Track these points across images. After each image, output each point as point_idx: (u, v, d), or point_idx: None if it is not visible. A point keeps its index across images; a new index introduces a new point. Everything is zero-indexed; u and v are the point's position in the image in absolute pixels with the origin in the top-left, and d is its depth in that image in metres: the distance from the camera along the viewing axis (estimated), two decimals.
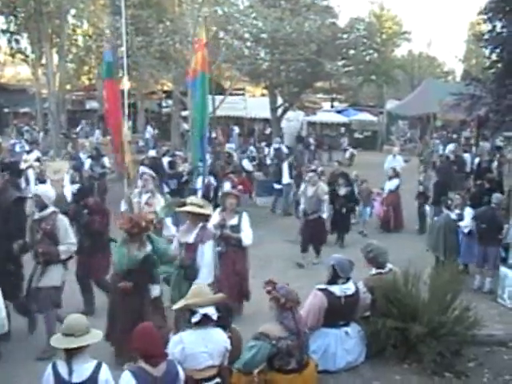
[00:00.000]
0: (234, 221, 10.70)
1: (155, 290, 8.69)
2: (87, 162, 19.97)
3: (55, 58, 34.30)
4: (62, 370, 5.59)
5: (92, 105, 43.54)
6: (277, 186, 20.91)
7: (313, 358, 7.05)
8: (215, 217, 10.56)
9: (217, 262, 9.32)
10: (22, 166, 17.47)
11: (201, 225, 9.08)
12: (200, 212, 9.03)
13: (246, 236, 10.68)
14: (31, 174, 16.70)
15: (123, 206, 12.21)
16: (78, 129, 39.27)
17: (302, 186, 15.55)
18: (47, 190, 9.45)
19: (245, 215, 10.83)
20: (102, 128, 37.10)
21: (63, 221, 9.11)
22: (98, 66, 35.75)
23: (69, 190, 15.53)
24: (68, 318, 5.83)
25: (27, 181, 16.46)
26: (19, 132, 38.22)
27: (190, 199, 9.53)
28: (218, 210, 10.93)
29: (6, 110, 45.05)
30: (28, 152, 22.63)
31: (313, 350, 7.30)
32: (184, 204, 9.33)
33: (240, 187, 18.27)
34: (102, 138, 32.55)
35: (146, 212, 11.44)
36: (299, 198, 15.92)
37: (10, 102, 45.32)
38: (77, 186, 15.03)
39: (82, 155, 21.46)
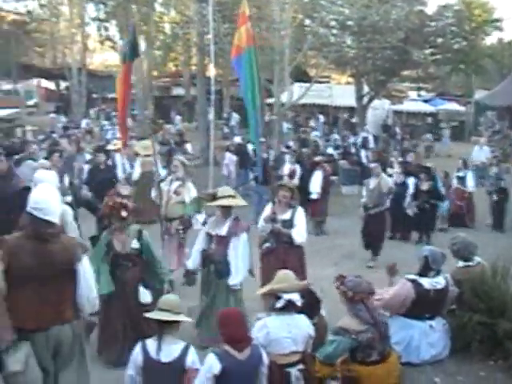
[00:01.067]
0: (286, 215, 9.67)
1: (145, 296, 7.98)
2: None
3: (142, 45, 34.89)
4: (152, 348, 5.75)
5: (178, 91, 44.08)
6: None
7: (395, 349, 6.97)
8: (267, 210, 9.91)
9: (251, 257, 8.81)
10: (110, 147, 17.92)
11: (233, 216, 8.71)
12: (233, 204, 8.66)
13: (298, 232, 9.60)
14: (119, 157, 17.02)
15: (153, 193, 11.87)
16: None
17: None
18: (46, 177, 8.44)
19: (300, 210, 9.80)
20: (185, 114, 37.62)
21: (66, 212, 8.26)
22: (184, 52, 36.14)
23: (160, 170, 15.83)
24: (165, 297, 6.10)
25: (114, 165, 16.80)
26: (107, 117, 39.00)
27: (221, 190, 8.96)
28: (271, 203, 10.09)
29: (94, 96, 45.99)
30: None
31: (396, 342, 7.22)
32: (214, 196, 8.80)
33: (334, 177, 18.23)
34: (183, 125, 32.95)
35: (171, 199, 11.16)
36: None
37: (98, 87, 46.29)
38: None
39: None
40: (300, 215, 9.69)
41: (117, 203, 8.01)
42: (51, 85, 47.38)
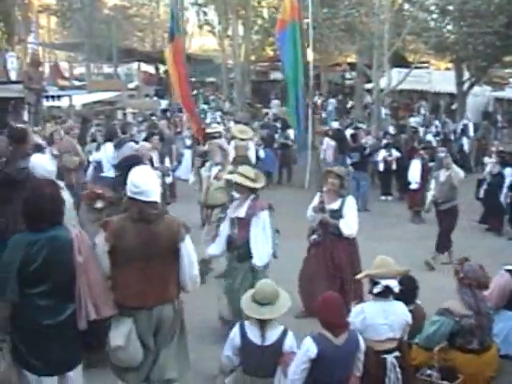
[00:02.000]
0: (335, 205, 9.01)
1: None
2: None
3: (241, 29, 35.09)
4: (251, 333, 5.90)
5: (276, 75, 44.05)
6: None
7: (495, 341, 6.86)
8: (316, 199, 9.29)
9: (274, 238, 8.12)
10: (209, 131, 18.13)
11: (252, 196, 8.15)
12: (246, 185, 8.10)
13: (346, 224, 8.93)
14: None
15: (191, 179, 11.78)
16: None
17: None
18: (41, 161, 7.59)
19: (350, 199, 9.13)
20: (280, 98, 37.59)
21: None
22: None
23: (253, 155, 15.97)
24: (260, 285, 6.12)
25: None
26: (206, 101, 39.46)
27: (240, 169, 8.49)
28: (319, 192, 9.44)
29: (193, 79, 46.62)
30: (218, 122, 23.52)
31: (494, 333, 7.09)
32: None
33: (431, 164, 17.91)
34: (280, 109, 32.93)
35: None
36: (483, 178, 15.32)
37: (196, 71, 46.85)
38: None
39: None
40: (350, 205, 9.06)
41: (92, 193, 7.64)
42: (151, 68, 48.21)
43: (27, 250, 4.92)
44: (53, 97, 18.79)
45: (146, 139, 14.36)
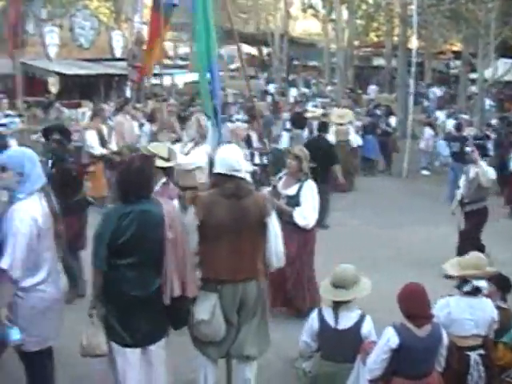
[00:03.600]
0: (291, 190, 7.98)
1: None
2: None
3: (345, 13, 34.80)
4: (328, 316, 5.90)
5: (379, 62, 43.59)
6: None
7: None
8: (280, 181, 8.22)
9: None
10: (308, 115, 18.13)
11: (163, 180, 7.31)
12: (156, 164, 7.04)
13: (300, 213, 7.88)
14: (315, 125, 17.18)
15: None
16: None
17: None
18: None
19: (308, 184, 7.97)
20: (385, 85, 37.17)
21: None
22: (387, 22, 35.63)
23: (355, 140, 15.90)
24: (340, 269, 6.12)
25: (311, 131, 16.96)
26: (306, 85, 39.40)
27: (150, 146, 7.67)
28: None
29: (295, 62, 46.56)
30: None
31: None
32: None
33: None
34: (380, 95, 32.56)
35: None
36: None
37: (299, 54, 46.86)
38: None
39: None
40: (308, 191, 7.95)
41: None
42: (253, 50, 48.42)
43: (118, 222, 5.06)
44: (155, 75, 19.13)
45: (246, 121, 14.50)
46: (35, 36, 23.71)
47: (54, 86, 21.56)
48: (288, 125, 17.86)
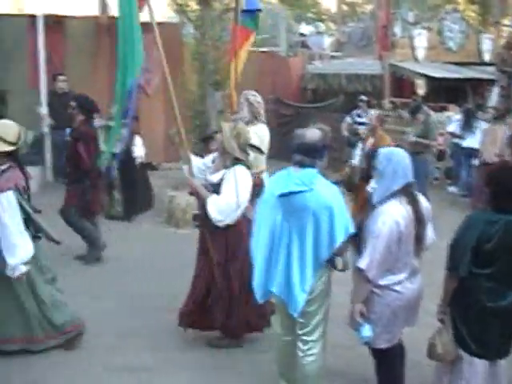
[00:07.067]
0: (216, 176, 6.33)
1: None
2: None
3: None
4: None
5: None
6: None
7: None
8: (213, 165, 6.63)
9: None
10: None
11: (5, 167, 5.91)
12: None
13: (213, 202, 6.16)
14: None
15: None
16: None
17: None
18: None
19: (234, 171, 6.19)
20: None
21: None
22: None
23: None
24: None
25: None
26: None
27: None
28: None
29: None
30: None
31: None
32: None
33: None
34: None
35: None
36: None
37: None
38: None
39: None
40: (230, 178, 6.18)
41: None
42: None
43: (484, 229, 4.95)
44: None
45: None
46: (404, 38, 24.10)
47: (421, 88, 21.57)
48: None
